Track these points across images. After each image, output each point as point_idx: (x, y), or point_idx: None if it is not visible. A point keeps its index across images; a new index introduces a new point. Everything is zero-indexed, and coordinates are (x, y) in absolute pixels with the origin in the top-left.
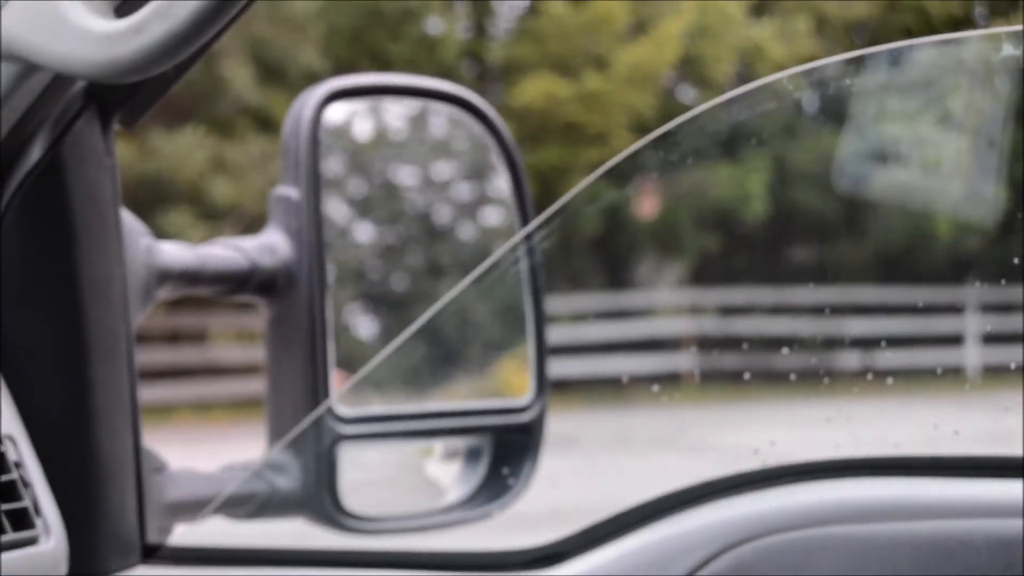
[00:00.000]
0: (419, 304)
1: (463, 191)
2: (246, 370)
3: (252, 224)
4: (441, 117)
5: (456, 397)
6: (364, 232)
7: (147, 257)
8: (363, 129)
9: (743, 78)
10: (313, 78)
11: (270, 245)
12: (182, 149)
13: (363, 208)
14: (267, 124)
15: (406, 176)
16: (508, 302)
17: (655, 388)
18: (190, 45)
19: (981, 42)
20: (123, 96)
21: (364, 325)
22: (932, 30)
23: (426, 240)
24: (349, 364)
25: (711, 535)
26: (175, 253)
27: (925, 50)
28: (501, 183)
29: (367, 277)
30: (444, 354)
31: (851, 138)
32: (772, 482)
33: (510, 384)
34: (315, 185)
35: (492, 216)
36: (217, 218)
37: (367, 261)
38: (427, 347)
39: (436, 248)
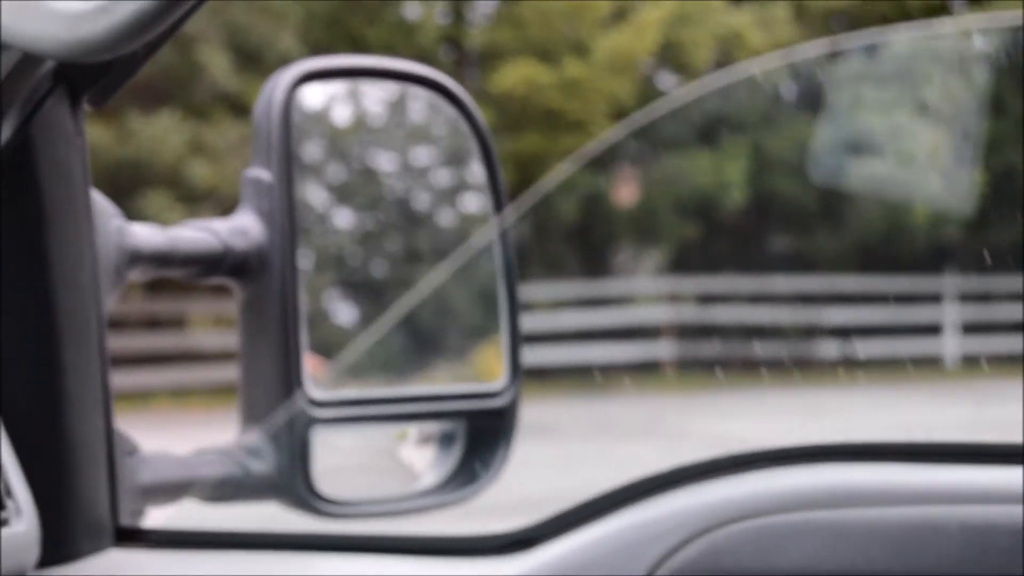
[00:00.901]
0: (397, 290)
1: (442, 177)
2: (225, 356)
3: (231, 207)
4: (420, 102)
5: (433, 382)
6: (343, 218)
7: (118, 238)
8: (341, 114)
9: (722, 65)
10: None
11: (242, 227)
12: (160, 133)
13: (342, 194)
14: (244, 110)
15: (385, 162)
16: (487, 288)
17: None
18: (158, 24)
19: (956, 32)
20: (92, 76)
21: (343, 311)
22: (909, 19)
23: (405, 226)
24: (327, 350)
25: (685, 520)
26: (146, 235)
27: (901, 41)
28: (476, 168)
29: (346, 263)
30: (422, 340)
31: (826, 129)
32: (746, 467)
33: (490, 371)
34: (287, 167)
35: (471, 203)
36: (196, 201)
37: (346, 247)
38: (405, 333)
39: (415, 234)
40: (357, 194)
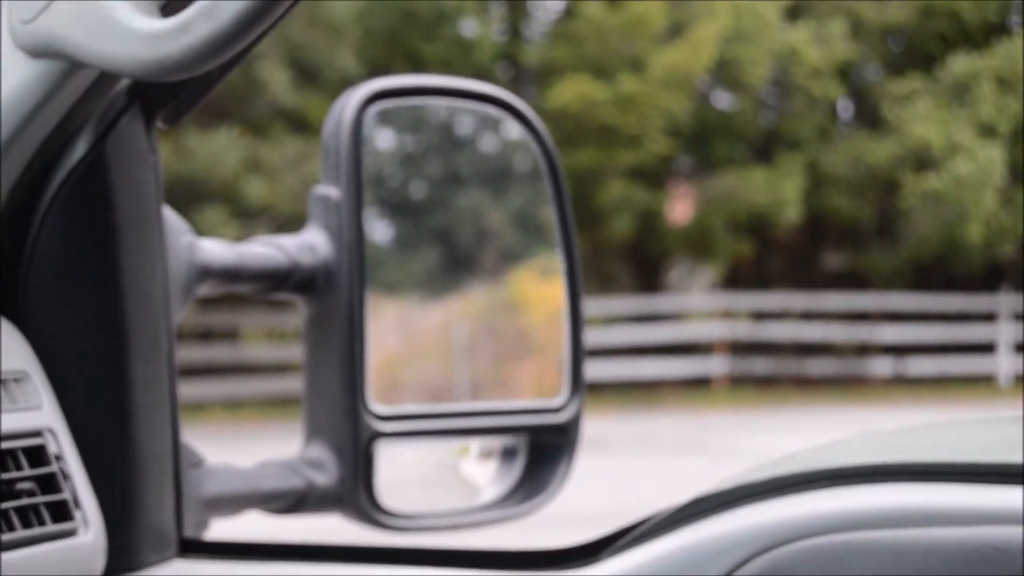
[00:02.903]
0: (436, 212)
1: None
2: (277, 368)
3: (286, 223)
4: (471, 117)
5: (494, 399)
6: (385, 140)
7: (188, 254)
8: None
9: (778, 82)
10: (348, 81)
11: (310, 244)
12: (217, 149)
13: (384, 115)
14: (302, 126)
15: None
16: (526, 210)
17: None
18: (235, 45)
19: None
20: (167, 94)
21: (380, 230)
22: (967, 35)
23: (447, 149)
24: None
25: (747, 538)
26: (216, 250)
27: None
28: (542, 187)
29: (385, 183)
30: (459, 261)
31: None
32: (809, 486)
33: (525, 295)
34: (356, 185)
35: (514, 130)
36: (251, 217)
37: (386, 168)
38: (442, 253)
39: (456, 158)
40: (401, 117)
